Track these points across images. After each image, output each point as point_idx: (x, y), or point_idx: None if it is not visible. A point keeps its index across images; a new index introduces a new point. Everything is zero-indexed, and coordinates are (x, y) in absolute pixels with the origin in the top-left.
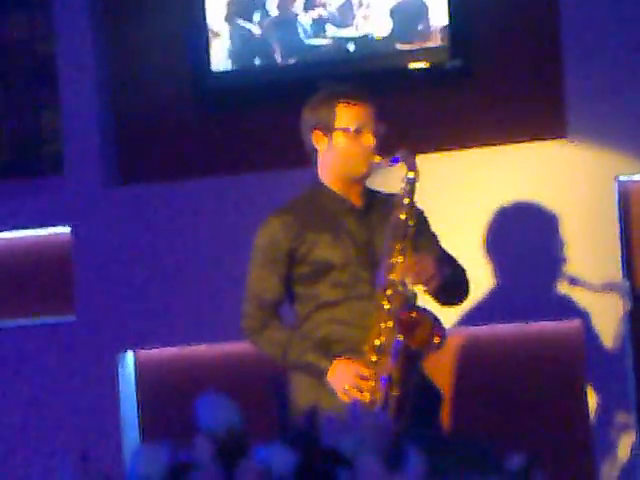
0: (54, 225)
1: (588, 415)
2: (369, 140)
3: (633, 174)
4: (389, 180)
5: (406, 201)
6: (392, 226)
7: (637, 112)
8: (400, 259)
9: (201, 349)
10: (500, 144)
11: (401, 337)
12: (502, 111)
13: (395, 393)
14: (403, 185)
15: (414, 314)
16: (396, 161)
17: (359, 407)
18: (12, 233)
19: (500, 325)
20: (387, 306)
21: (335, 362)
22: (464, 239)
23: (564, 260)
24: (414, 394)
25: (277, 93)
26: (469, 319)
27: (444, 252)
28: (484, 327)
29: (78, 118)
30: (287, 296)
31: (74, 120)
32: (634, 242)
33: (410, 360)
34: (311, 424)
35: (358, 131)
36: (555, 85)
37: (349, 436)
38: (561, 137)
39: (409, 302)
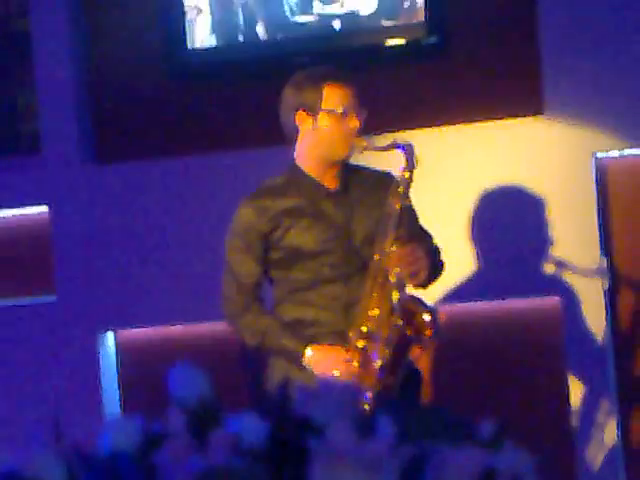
0: (32, 204)
1: (567, 393)
2: (354, 123)
3: (610, 150)
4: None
5: (402, 190)
6: (387, 214)
7: (614, 89)
8: (393, 248)
9: (181, 329)
10: (477, 121)
11: (400, 322)
12: (479, 88)
13: (388, 380)
14: (400, 175)
15: (414, 303)
16: (401, 149)
17: (330, 379)
18: None
19: (479, 303)
20: (377, 293)
21: (315, 349)
22: (442, 217)
23: (542, 238)
24: (401, 381)
25: (260, 70)
26: (449, 297)
27: (422, 229)
28: (464, 305)
29: (55, 96)
30: (266, 279)
31: (50, 98)
32: (612, 219)
33: (403, 347)
34: (283, 395)
35: (344, 113)
36: (532, 62)
37: (320, 406)
38: (538, 114)
39: (401, 290)
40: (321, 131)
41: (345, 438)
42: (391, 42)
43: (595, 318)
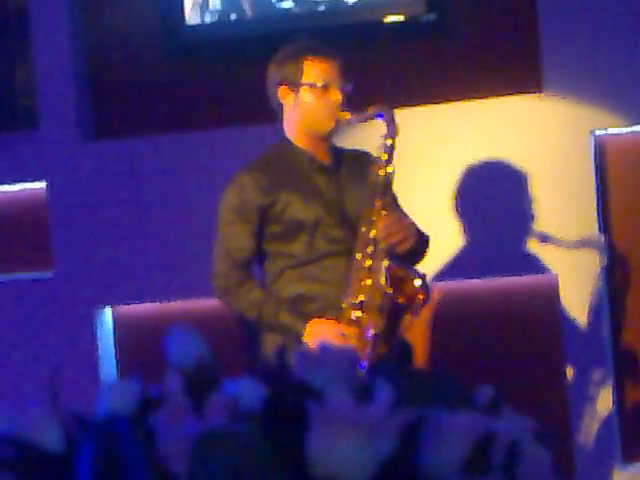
0: (30, 180)
1: (564, 370)
2: (336, 96)
3: (609, 128)
4: (364, 138)
5: (384, 157)
6: (371, 183)
7: (613, 66)
8: (380, 216)
9: (179, 305)
10: (475, 98)
11: (390, 290)
12: (477, 65)
13: (382, 349)
14: (382, 142)
15: (403, 270)
16: (380, 117)
17: (329, 345)
18: None
19: (476, 280)
20: (368, 263)
21: (311, 323)
22: (439, 193)
23: (540, 215)
24: (395, 350)
25: (257, 46)
26: (445, 274)
27: (403, 211)
28: (460, 282)
29: (52, 72)
30: (259, 254)
31: (48, 74)
32: (610, 196)
33: (396, 316)
34: (281, 360)
35: (325, 87)
36: (531, 39)
37: (318, 370)
38: (537, 91)
39: (391, 258)
40: (303, 105)
41: (343, 402)
42: (390, 19)
43: (592, 295)
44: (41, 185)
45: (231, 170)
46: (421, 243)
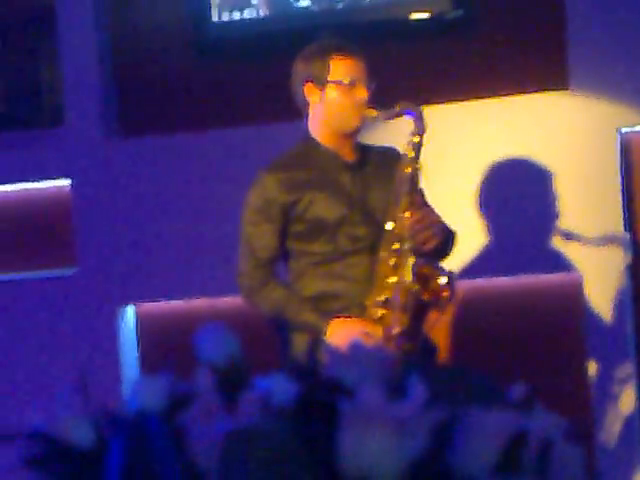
0: (54, 178)
1: (588, 369)
2: (362, 93)
3: (635, 126)
4: (390, 135)
5: (411, 154)
6: (398, 180)
7: (639, 64)
8: (407, 214)
9: (202, 303)
10: (502, 95)
11: (416, 287)
12: (504, 62)
13: (407, 347)
14: (410, 139)
15: (429, 267)
16: (408, 114)
17: (361, 342)
18: (12, 186)
19: (501, 278)
20: (393, 261)
21: (334, 322)
22: (465, 190)
23: (565, 213)
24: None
25: (283, 44)
26: (470, 272)
27: (431, 208)
28: (484, 280)
29: (78, 69)
30: (283, 253)
31: (74, 71)
32: (636, 194)
33: (421, 313)
34: (312, 357)
35: (351, 84)
36: (558, 36)
37: (351, 367)
38: (563, 88)
39: (416, 256)
40: (329, 102)
41: (375, 400)
42: (416, 16)
43: (616, 294)
44: (65, 182)
45: (257, 168)
46: (447, 240)
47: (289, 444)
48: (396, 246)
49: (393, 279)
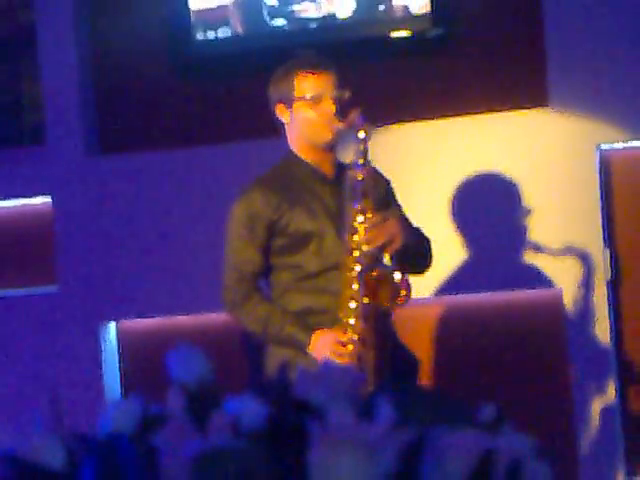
0: (35, 195)
1: (569, 383)
2: (329, 106)
3: (614, 142)
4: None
5: (361, 161)
6: (349, 188)
7: (618, 81)
8: (361, 219)
9: (183, 319)
10: (482, 112)
11: (366, 300)
12: (484, 79)
13: (370, 355)
14: (356, 146)
15: (375, 273)
16: (361, 119)
17: (331, 362)
18: None
19: (482, 294)
20: (357, 268)
21: (317, 334)
22: (444, 208)
23: (545, 229)
24: (390, 357)
25: (263, 61)
26: (451, 288)
27: (410, 223)
28: (465, 296)
29: (58, 88)
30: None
31: (55, 89)
32: (615, 211)
33: (381, 320)
34: (282, 377)
35: (316, 99)
36: (537, 54)
37: (321, 388)
38: (542, 105)
39: (377, 261)
40: (298, 120)
41: (344, 420)
42: (396, 34)
43: (597, 309)
44: (46, 200)
45: (237, 185)
46: (417, 246)
47: (259, 465)
48: (356, 254)
49: (356, 287)
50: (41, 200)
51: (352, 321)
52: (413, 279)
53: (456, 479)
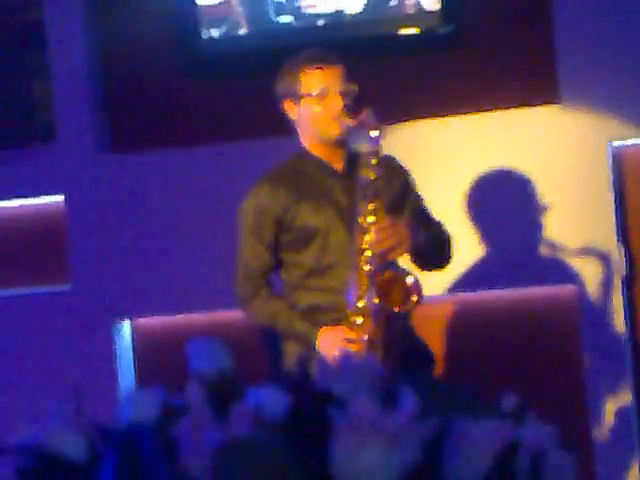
0: (48, 193)
1: (584, 381)
2: (336, 101)
3: (626, 139)
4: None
5: (374, 161)
6: (361, 187)
7: (630, 77)
8: (373, 219)
9: (198, 317)
10: (493, 110)
11: (377, 300)
12: (495, 76)
13: (377, 355)
14: (368, 145)
15: (387, 275)
16: (374, 118)
17: (350, 355)
18: (6, 202)
19: (496, 291)
20: (367, 267)
21: (323, 330)
22: (457, 204)
23: (558, 226)
24: (399, 355)
25: (271, 59)
26: (465, 285)
27: (429, 214)
28: (480, 293)
29: (69, 85)
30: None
31: (65, 87)
32: (628, 207)
33: (390, 321)
34: (303, 369)
35: (322, 94)
36: (548, 50)
37: (342, 378)
38: (554, 102)
39: (390, 263)
40: (305, 116)
41: (367, 410)
42: (406, 31)
43: (611, 306)
44: (59, 198)
45: (248, 182)
46: (432, 244)
47: (281, 456)
48: (368, 253)
49: (365, 287)
50: (54, 198)
51: (359, 320)
52: (429, 276)
53: (479, 469)
